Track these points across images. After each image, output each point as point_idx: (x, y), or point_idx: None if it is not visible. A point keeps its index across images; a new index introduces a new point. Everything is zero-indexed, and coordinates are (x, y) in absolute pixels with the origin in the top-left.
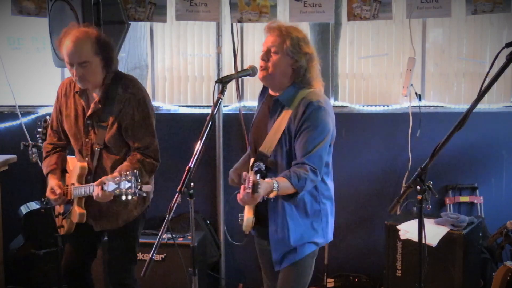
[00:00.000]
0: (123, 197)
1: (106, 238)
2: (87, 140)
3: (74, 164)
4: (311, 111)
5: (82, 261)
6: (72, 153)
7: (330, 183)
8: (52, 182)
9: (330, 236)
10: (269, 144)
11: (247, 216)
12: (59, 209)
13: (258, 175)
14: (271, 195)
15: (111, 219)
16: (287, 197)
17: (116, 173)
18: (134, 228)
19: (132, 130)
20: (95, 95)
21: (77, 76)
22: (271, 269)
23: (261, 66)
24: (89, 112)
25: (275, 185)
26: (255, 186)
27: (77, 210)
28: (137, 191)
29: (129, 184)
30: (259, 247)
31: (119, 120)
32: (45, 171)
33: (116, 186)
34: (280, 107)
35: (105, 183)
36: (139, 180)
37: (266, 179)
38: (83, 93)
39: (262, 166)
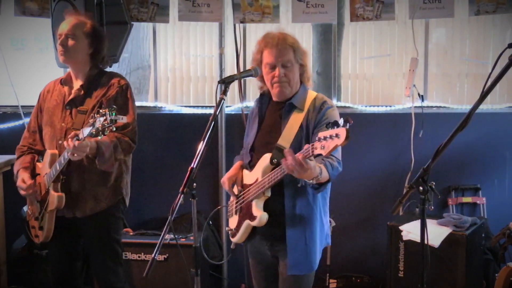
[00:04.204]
0: (101, 133)
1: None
2: (62, 124)
3: (43, 167)
4: (327, 109)
5: (69, 265)
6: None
7: None
8: (24, 174)
9: (328, 241)
10: (286, 138)
11: (261, 213)
12: (31, 215)
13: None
14: (314, 180)
15: (80, 206)
16: (315, 185)
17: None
18: (105, 224)
19: None
20: (79, 82)
21: (60, 45)
22: (266, 275)
23: (280, 83)
24: (70, 97)
25: (319, 171)
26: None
27: (55, 194)
28: (113, 117)
29: (104, 117)
30: (256, 249)
31: (100, 104)
32: (16, 168)
33: (91, 127)
34: (292, 109)
35: (78, 134)
36: (114, 107)
37: (311, 162)
38: (67, 82)
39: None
